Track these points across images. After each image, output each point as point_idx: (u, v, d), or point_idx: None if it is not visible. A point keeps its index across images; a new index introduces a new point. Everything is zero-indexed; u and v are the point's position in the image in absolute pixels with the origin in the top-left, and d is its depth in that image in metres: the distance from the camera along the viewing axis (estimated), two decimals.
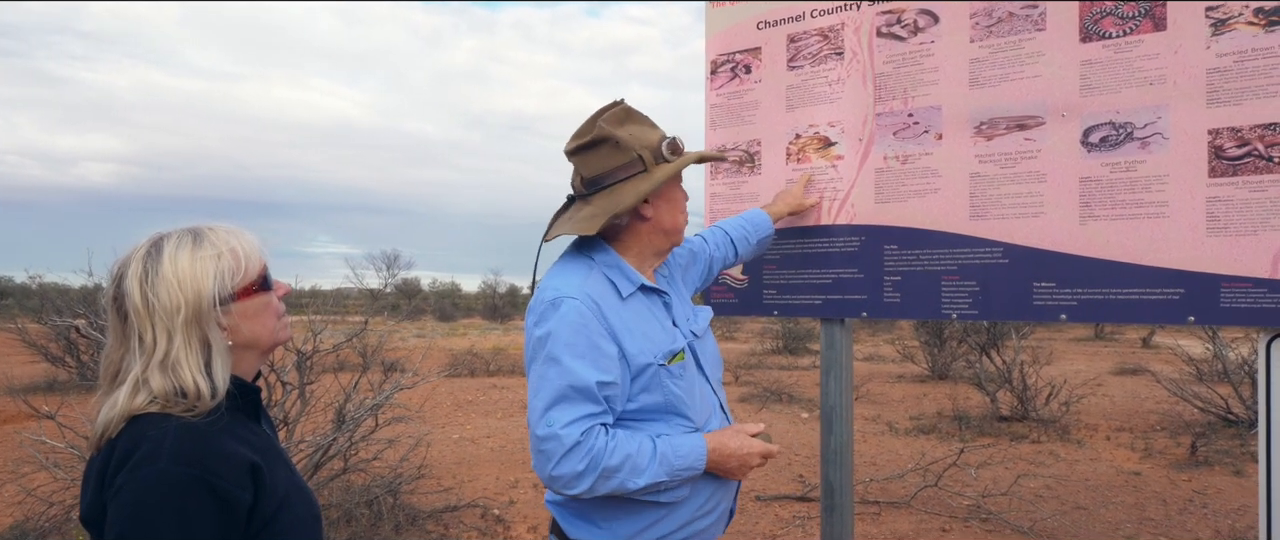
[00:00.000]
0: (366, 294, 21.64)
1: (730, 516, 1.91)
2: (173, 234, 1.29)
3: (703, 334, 1.89)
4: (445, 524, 4.95)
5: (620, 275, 1.74)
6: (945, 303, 2.33)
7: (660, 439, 1.64)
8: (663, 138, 1.76)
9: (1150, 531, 4.96)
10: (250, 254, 1.31)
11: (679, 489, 1.68)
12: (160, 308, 1.22)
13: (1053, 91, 2.16)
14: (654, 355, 1.68)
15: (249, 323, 1.30)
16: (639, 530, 1.67)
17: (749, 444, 1.74)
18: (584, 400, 1.57)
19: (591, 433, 1.56)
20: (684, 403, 1.71)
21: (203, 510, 1.15)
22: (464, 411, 9.52)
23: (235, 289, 1.27)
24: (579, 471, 1.55)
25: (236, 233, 1.33)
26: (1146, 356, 14.89)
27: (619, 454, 1.57)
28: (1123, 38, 2.06)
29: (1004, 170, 2.23)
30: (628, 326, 1.67)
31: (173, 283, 1.22)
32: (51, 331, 10.79)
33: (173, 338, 1.22)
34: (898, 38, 2.42)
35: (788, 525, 5.11)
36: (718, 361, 1.95)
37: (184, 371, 1.21)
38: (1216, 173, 1.94)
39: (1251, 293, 1.90)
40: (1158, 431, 7.98)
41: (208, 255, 1.26)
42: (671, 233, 1.81)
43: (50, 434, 4.84)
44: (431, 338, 20.02)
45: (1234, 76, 1.91)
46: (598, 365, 1.59)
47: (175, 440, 1.16)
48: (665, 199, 1.78)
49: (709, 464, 1.68)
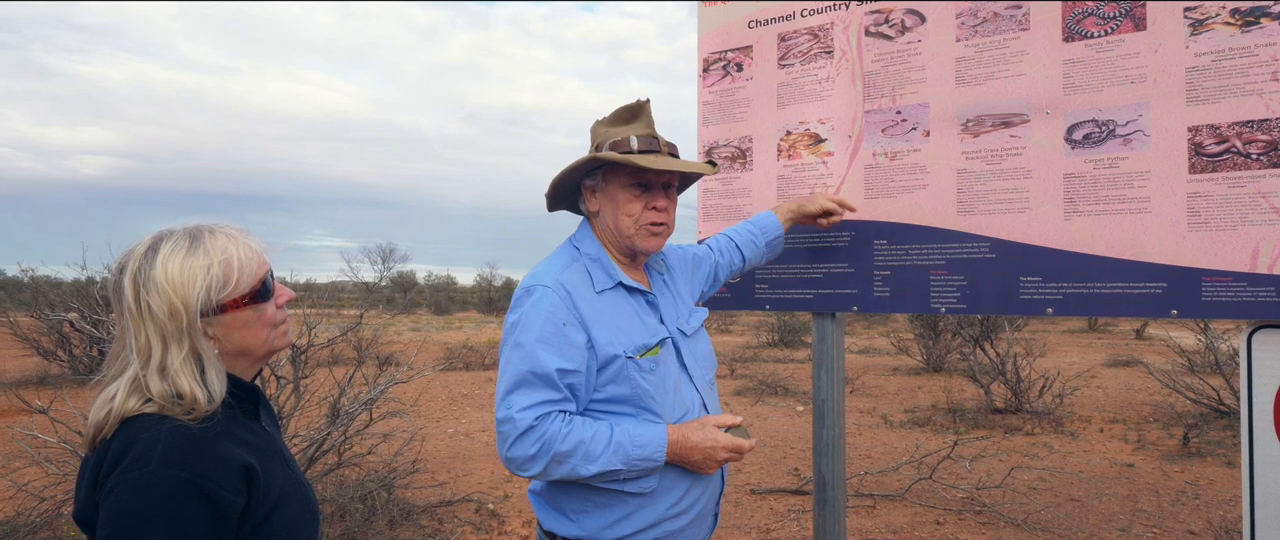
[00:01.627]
0: (362, 287, 21.57)
1: (714, 522, 1.88)
2: (174, 234, 1.28)
3: (693, 333, 1.90)
4: (439, 518, 4.99)
5: (600, 270, 1.79)
6: (934, 297, 2.36)
7: (619, 428, 1.65)
8: (625, 138, 1.78)
9: (1143, 523, 5.01)
10: (246, 264, 1.28)
11: (644, 481, 1.68)
12: (149, 312, 1.22)
13: (1037, 90, 2.19)
14: (623, 347, 1.70)
15: (236, 334, 1.29)
16: (608, 524, 1.69)
17: (715, 436, 1.70)
18: (543, 386, 1.62)
19: (547, 418, 1.61)
20: (651, 397, 1.71)
21: (193, 514, 1.14)
22: (459, 406, 9.55)
23: (221, 302, 1.25)
24: (531, 455, 1.60)
25: (238, 239, 1.30)
26: (1140, 348, 14.97)
27: (572, 440, 1.60)
28: (1104, 37, 2.09)
29: (990, 166, 2.26)
30: (599, 317, 1.71)
31: (164, 289, 1.21)
32: (44, 325, 10.78)
33: (167, 344, 1.22)
34: (886, 37, 2.45)
35: (783, 518, 5.15)
36: (709, 362, 1.94)
37: (180, 379, 1.21)
38: (1196, 169, 1.97)
39: (1232, 286, 1.94)
40: (1150, 423, 8.04)
41: (199, 265, 1.24)
42: (618, 233, 1.80)
43: (42, 429, 4.86)
44: (426, 331, 20.04)
45: (1212, 75, 1.94)
46: (561, 353, 1.63)
47: (167, 443, 1.16)
48: (609, 198, 1.80)
49: (670, 455, 1.66)
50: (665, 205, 1.80)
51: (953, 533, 4.85)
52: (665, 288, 1.94)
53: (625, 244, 1.81)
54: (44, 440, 4.48)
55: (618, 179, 1.78)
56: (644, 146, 1.75)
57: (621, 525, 1.69)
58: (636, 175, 1.76)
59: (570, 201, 1.92)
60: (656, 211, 1.78)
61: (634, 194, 1.77)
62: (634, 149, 1.74)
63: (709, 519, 1.85)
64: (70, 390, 8.80)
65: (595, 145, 1.81)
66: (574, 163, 1.78)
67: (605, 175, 1.80)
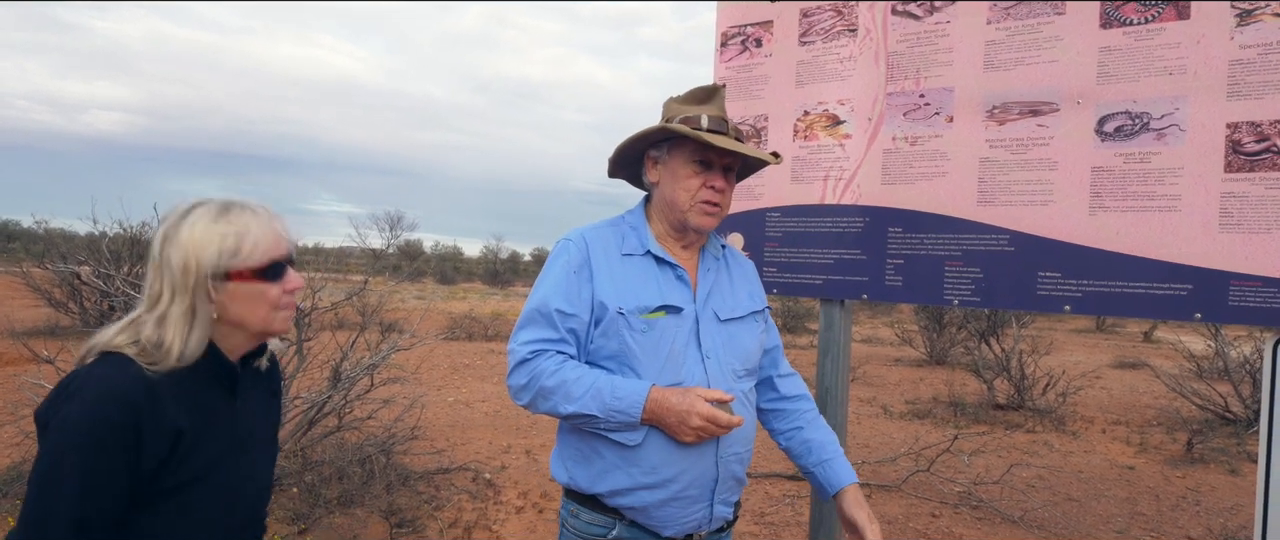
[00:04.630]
0: (369, 254, 21.66)
1: (712, 511, 1.78)
2: (211, 202, 1.37)
3: (731, 320, 1.85)
4: (436, 485, 4.97)
5: (634, 235, 1.85)
6: (948, 288, 2.29)
7: (606, 377, 1.70)
8: (696, 115, 1.81)
9: (1141, 526, 4.96)
10: (259, 241, 1.35)
11: (627, 434, 1.69)
12: (168, 264, 1.31)
13: (1069, 77, 2.10)
14: (622, 302, 1.74)
15: (237, 305, 1.35)
16: (589, 478, 1.75)
17: (693, 402, 1.65)
18: (544, 324, 1.74)
19: (542, 354, 1.72)
20: (636, 357, 1.72)
21: (109, 449, 1.22)
22: (460, 375, 9.55)
23: (228, 269, 1.33)
24: (522, 384, 1.73)
25: (262, 217, 1.38)
26: (1147, 351, 14.88)
27: (557, 378, 1.69)
28: (1144, 25, 2.00)
29: (1014, 156, 2.19)
30: (612, 274, 1.78)
31: (185, 245, 1.31)
32: (55, 277, 10.80)
33: (174, 296, 1.31)
34: (913, 16, 2.37)
35: (778, 503, 5.13)
36: (740, 353, 1.84)
37: (168, 327, 1.30)
38: (1233, 168, 1.89)
39: (1261, 292, 1.86)
40: (1154, 426, 7.98)
41: (216, 231, 1.33)
42: (671, 207, 1.82)
43: (49, 378, 4.85)
44: (431, 300, 20.07)
45: (1257, 69, 1.86)
46: (565, 296, 1.74)
47: (110, 383, 1.25)
48: (670, 171, 1.83)
49: (646, 413, 1.66)
50: (723, 186, 1.82)
51: (948, 526, 4.81)
52: (719, 272, 1.91)
53: (678, 218, 1.83)
54: (50, 389, 4.48)
55: (682, 153, 1.81)
56: (713, 127, 1.78)
57: (599, 481, 1.74)
58: (701, 152, 1.79)
59: (630, 171, 1.96)
60: (713, 190, 1.80)
61: (695, 170, 1.80)
62: (704, 127, 1.77)
63: (702, 505, 1.77)
64: (78, 341, 8.83)
65: (666, 119, 1.84)
66: (644, 130, 1.82)
67: (670, 148, 1.83)
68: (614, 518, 1.74)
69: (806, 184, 2.58)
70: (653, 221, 1.88)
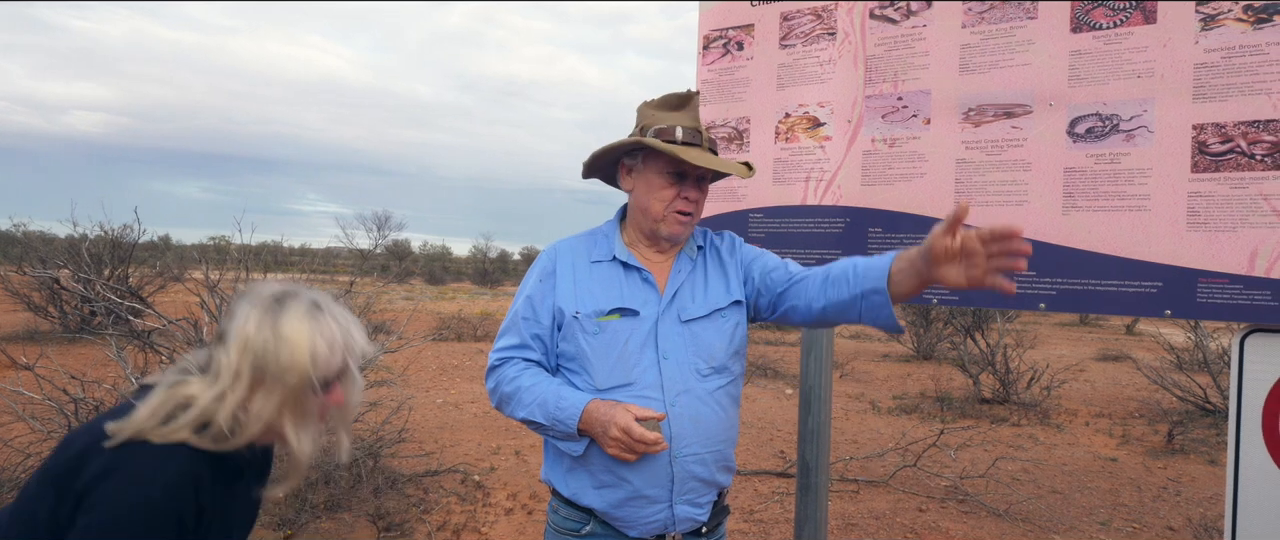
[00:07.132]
0: (356, 254, 21.61)
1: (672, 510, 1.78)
2: (301, 295, 1.38)
3: (693, 319, 1.84)
4: (425, 488, 4.99)
5: (604, 242, 1.91)
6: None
7: (555, 387, 1.77)
8: (671, 126, 1.82)
9: (1123, 517, 5.03)
10: (347, 348, 1.40)
11: (570, 444, 1.77)
12: (265, 353, 1.31)
13: (1041, 80, 2.15)
14: (579, 307, 1.80)
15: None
16: (561, 478, 1.84)
17: (614, 414, 1.67)
18: (512, 332, 1.85)
19: (508, 362, 1.82)
20: (588, 358, 1.77)
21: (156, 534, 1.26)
22: (449, 376, 9.54)
23: (324, 378, 1.36)
24: (491, 389, 1.84)
25: (344, 322, 1.41)
26: (1130, 343, 15.03)
27: (513, 385, 1.78)
28: (1113, 29, 2.05)
29: (990, 157, 2.23)
30: (577, 281, 1.85)
31: (291, 343, 1.32)
32: (34, 281, 10.70)
33: (261, 386, 1.32)
34: (890, 20, 2.41)
35: (766, 500, 5.17)
36: (702, 351, 1.83)
37: (252, 417, 1.33)
38: (1199, 168, 1.94)
39: (1228, 289, 1.91)
40: (1136, 418, 8.08)
41: (312, 332, 1.34)
42: (645, 214, 1.85)
43: (28, 386, 4.83)
44: (420, 300, 20.02)
45: (1221, 72, 1.91)
46: (531, 304, 1.84)
47: (167, 477, 1.27)
48: (644, 181, 1.86)
49: (582, 423, 1.71)
50: (696, 197, 1.86)
51: (934, 520, 4.86)
52: (693, 271, 1.90)
53: (650, 226, 1.86)
54: (30, 398, 4.45)
55: (656, 164, 1.84)
56: (687, 139, 1.81)
57: (565, 482, 1.82)
58: (675, 164, 1.81)
59: (605, 173, 2.01)
60: (687, 201, 1.84)
61: (668, 181, 1.83)
62: (678, 139, 1.80)
63: (661, 506, 1.77)
64: (57, 348, 8.76)
65: (640, 126, 1.86)
66: (619, 141, 1.85)
67: (645, 158, 1.86)
68: (587, 514, 1.81)
69: (788, 185, 2.62)
70: (626, 228, 1.93)
